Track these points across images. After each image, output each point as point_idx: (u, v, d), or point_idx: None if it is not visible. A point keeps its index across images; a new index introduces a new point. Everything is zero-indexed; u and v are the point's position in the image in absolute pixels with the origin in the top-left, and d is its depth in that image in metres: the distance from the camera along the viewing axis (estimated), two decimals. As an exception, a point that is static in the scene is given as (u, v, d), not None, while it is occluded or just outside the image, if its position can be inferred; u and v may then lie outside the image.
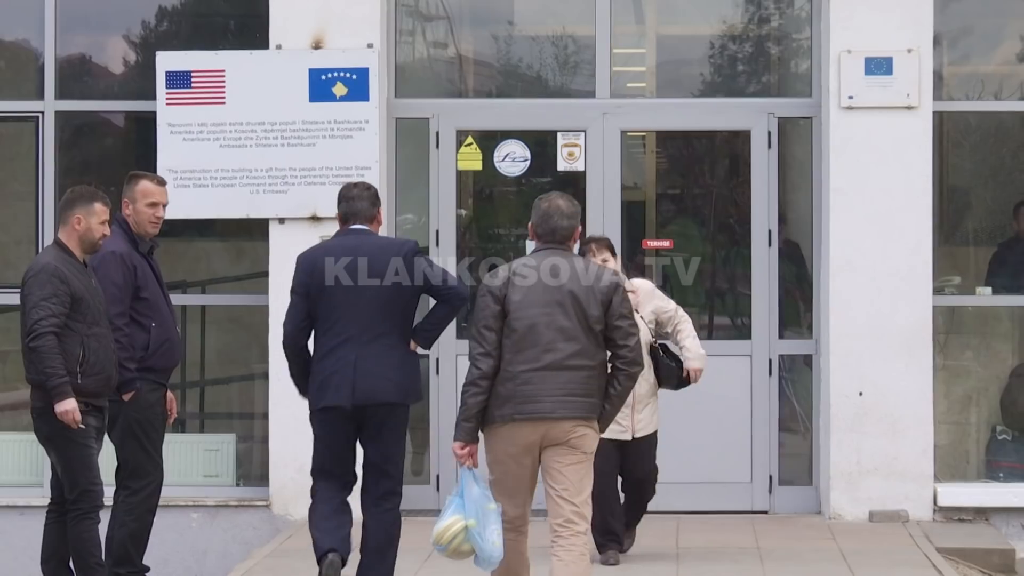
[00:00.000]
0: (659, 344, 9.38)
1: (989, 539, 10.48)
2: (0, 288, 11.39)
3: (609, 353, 7.36)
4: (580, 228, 7.58)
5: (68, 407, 8.13)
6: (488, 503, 7.31)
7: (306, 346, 8.21)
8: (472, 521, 7.29)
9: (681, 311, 9.41)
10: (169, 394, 8.98)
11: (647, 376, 9.16)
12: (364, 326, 8.04)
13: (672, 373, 9.38)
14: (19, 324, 8.39)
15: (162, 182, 8.95)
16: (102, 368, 8.34)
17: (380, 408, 8.10)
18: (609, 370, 7.38)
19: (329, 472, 8.20)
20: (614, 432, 8.71)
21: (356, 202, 8.22)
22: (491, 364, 7.29)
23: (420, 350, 8.23)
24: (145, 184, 8.84)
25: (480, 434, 7.36)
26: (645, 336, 9.00)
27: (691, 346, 9.37)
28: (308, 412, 8.22)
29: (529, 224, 7.56)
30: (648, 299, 9.38)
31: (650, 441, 9.42)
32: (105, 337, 8.38)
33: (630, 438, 9.27)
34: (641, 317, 9.07)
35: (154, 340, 8.69)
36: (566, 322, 7.29)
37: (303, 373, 8.21)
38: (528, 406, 7.26)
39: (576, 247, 7.56)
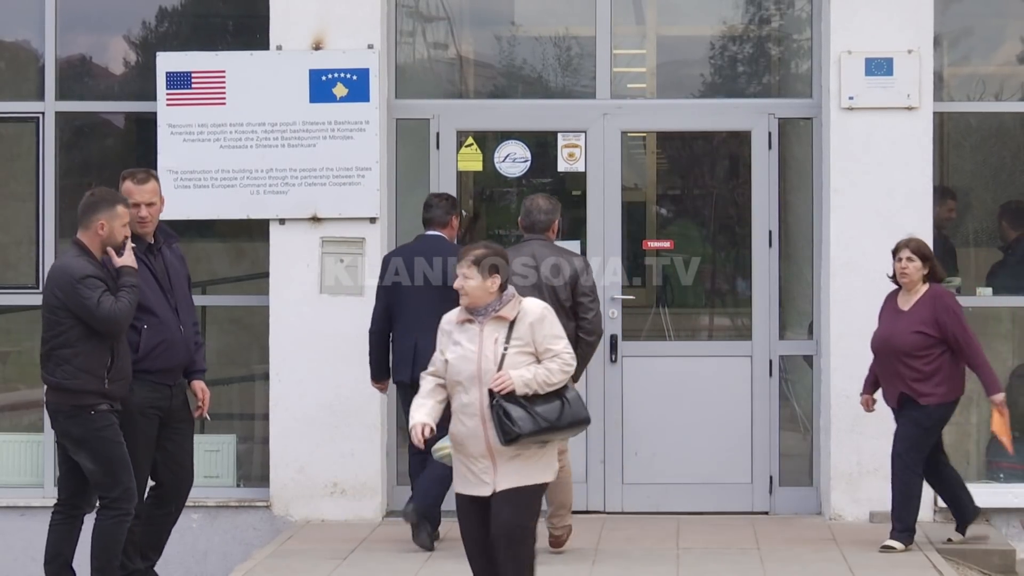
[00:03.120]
0: (498, 402, 7.43)
1: (989, 540, 10.48)
2: (0, 289, 11.41)
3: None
4: (558, 220, 9.67)
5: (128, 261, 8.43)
6: None
7: (387, 335, 10.07)
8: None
9: (567, 356, 7.51)
10: (199, 385, 9.02)
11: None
12: (424, 316, 9.50)
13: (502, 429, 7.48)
14: (41, 327, 8.42)
15: (144, 180, 8.85)
16: (126, 372, 8.42)
17: None
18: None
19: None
20: (473, 486, 7.54)
21: (433, 210, 10.19)
22: None
23: None
24: (127, 184, 8.84)
25: None
26: (488, 362, 7.47)
27: (527, 370, 7.49)
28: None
29: (519, 219, 9.73)
30: (529, 323, 7.51)
31: (518, 494, 7.47)
32: (125, 341, 8.43)
33: (489, 493, 7.50)
34: (505, 345, 7.49)
35: (146, 342, 8.66)
36: (541, 300, 8.58)
37: (379, 360, 10.13)
38: None
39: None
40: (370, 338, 10.12)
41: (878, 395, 10.04)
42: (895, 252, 9.92)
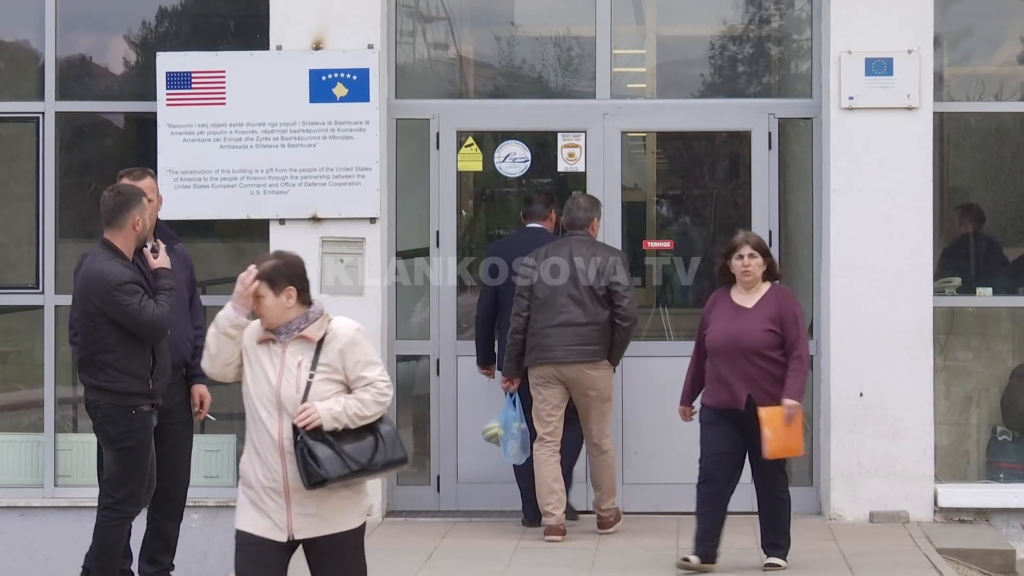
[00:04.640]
0: (302, 439, 6.42)
1: (989, 540, 10.49)
2: (0, 289, 11.40)
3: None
4: (599, 218, 10.29)
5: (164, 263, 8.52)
6: (515, 422, 10.16)
7: (494, 322, 10.61)
8: (501, 431, 10.20)
9: (382, 385, 6.51)
10: (198, 390, 9.02)
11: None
12: None
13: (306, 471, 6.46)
14: (73, 330, 8.46)
15: (139, 176, 8.88)
16: (168, 370, 8.42)
17: None
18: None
19: None
20: (263, 527, 6.60)
21: (534, 204, 10.73)
22: (521, 322, 10.06)
23: None
24: (123, 182, 8.84)
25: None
26: (290, 389, 6.48)
27: (336, 401, 6.48)
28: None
29: (562, 217, 10.36)
30: (339, 348, 6.55)
31: (338, 549, 6.64)
32: (164, 340, 8.44)
33: (285, 539, 6.56)
34: (311, 371, 6.49)
35: None
36: (575, 291, 9.99)
37: (487, 346, 10.72)
38: (546, 353, 10.03)
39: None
40: (478, 324, 10.63)
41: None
42: (734, 250, 9.21)
